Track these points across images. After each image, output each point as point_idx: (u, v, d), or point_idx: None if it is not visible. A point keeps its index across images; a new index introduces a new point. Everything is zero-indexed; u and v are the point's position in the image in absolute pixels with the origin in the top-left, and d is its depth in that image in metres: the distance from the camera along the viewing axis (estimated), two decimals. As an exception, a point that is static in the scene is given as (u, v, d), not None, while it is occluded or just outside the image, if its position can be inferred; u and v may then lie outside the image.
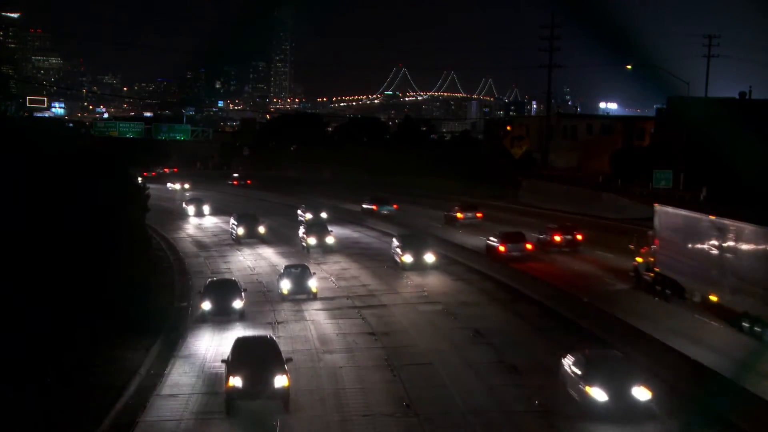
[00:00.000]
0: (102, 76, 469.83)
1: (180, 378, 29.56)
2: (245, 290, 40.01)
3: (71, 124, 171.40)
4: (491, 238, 54.17)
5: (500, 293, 43.60)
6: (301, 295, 42.07)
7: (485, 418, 25.08)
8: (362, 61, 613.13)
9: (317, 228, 60.11)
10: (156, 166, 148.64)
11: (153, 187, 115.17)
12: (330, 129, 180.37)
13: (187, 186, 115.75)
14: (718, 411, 23.38)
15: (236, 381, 25.28)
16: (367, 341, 34.25)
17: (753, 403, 23.29)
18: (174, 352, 32.87)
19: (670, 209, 42.47)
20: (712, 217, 37.21)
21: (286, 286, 42.13)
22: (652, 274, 41.25)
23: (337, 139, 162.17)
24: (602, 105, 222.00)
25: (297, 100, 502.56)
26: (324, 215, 72.82)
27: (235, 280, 41.16)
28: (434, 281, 47.26)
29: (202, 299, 38.35)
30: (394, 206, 79.26)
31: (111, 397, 26.40)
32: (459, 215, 70.58)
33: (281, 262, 50.72)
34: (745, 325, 32.17)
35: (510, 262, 48.95)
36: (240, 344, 27.52)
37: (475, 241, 58.51)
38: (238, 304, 37.91)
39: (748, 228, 33.98)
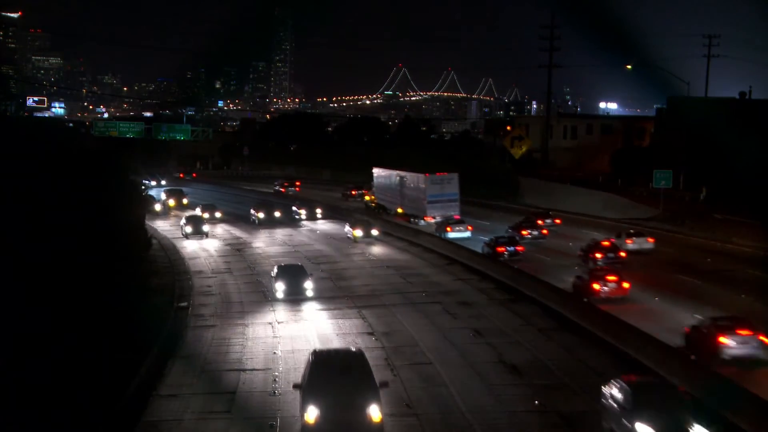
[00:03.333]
0: (102, 76, 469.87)
1: None
2: None
3: (71, 124, 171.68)
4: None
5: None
6: None
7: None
8: (362, 61, 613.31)
9: None
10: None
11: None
12: (330, 129, 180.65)
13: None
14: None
15: None
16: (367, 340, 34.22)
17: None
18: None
19: (379, 169, 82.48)
20: (397, 171, 76.56)
21: None
22: (373, 204, 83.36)
23: (337, 139, 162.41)
24: (602, 105, 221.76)
25: (297, 100, 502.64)
26: None
27: None
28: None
29: None
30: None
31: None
32: (282, 189, 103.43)
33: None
34: (412, 220, 71.05)
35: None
36: None
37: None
38: None
39: (409, 175, 73.32)
